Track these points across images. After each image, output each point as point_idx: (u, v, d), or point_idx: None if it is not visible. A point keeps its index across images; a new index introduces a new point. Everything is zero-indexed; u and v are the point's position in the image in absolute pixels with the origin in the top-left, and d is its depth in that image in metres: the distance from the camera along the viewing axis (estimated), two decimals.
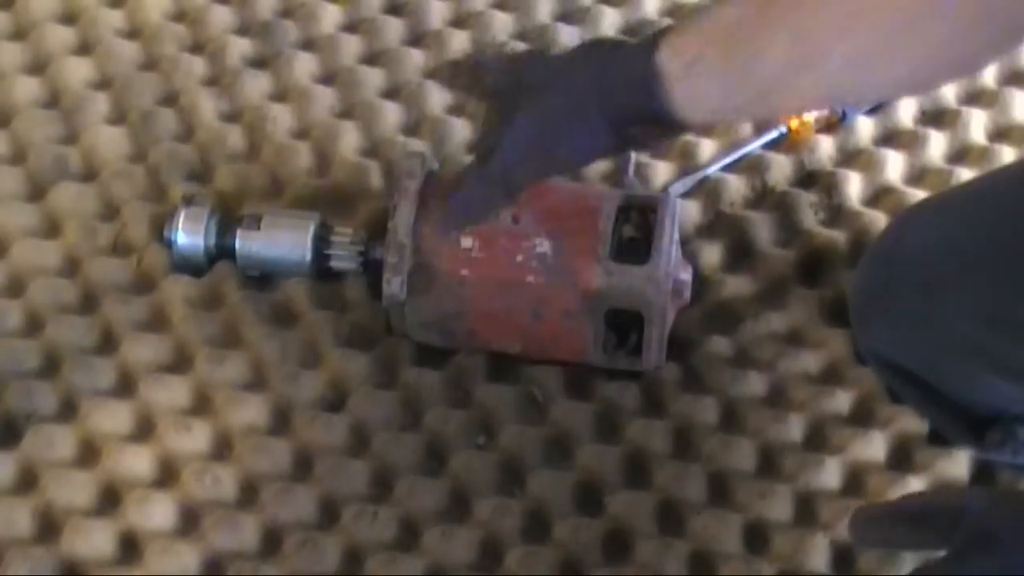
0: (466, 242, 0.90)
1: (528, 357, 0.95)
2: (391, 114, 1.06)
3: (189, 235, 0.96)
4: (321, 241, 0.96)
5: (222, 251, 0.97)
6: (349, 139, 1.05)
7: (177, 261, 0.97)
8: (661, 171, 1.04)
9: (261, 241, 0.96)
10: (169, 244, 0.97)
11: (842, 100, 0.91)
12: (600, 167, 1.02)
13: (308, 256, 0.96)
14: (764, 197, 1.05)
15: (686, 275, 0.93)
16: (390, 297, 0.91)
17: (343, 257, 0.96)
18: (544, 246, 0.90)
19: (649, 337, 0.91)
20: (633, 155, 1.03)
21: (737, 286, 1.01)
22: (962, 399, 0.91)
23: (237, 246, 0.96)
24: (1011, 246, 0.83)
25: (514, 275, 0.90)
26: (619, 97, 0.78)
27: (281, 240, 0.96)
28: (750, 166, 1.05)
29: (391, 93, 1.08)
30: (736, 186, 1.05)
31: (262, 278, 0.98)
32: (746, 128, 1.07)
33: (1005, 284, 0.83)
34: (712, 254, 1.02)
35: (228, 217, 0.97)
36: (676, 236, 0.92)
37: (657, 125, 0.78)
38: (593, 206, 0.91)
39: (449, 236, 0.89)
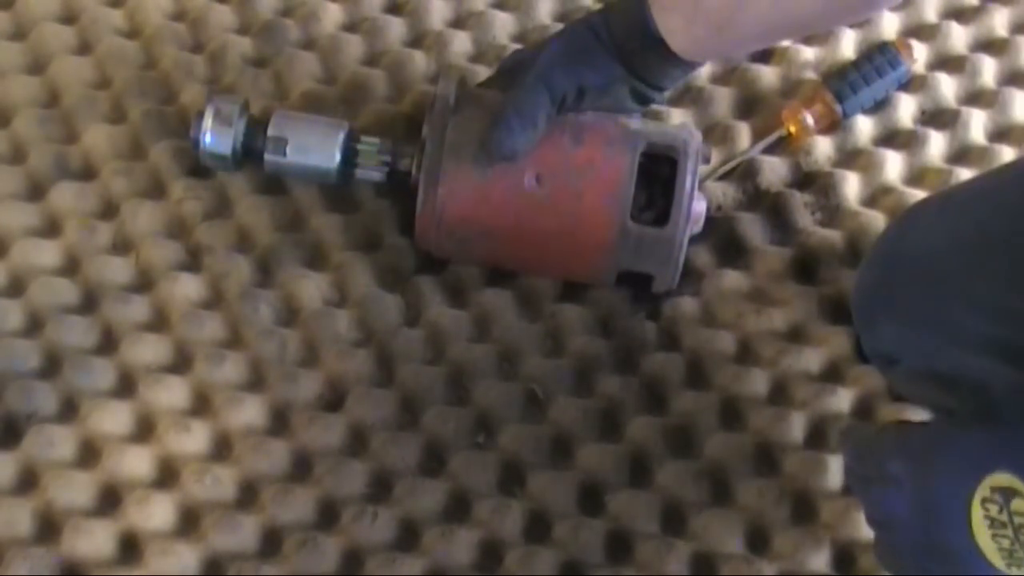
0: None
1: (557, 211, 0.93)
2: (392, 115, 1.06)
3: (217, 135, 0.96)
4: (349, 148, 0.96)
5: (250, 152, 0.96)
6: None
7: (203, 160, 0.97)
8: None
9: (290, 145, 0.95)
10: (196, 144, 0.96)
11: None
12: None
13: (336, 162, 0.95)
14: (757, 200, 1.05)
15: (700, 205, 0.95)
16: (442, 98, 0.93)
17: (369, 166, 0.96)
18: (586, 112, 0.95)
19: (681, 188, 0.92)
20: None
21: (736, 284, 1.01)
22: None
23: (266, 146, 0.95)
24: (1019, 240, 0.84)
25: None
26: (619, 21, 0.92)
27: (310, 144, 0.95)
28: (742, 170, 1.05)
29: (391, 94, 1.08)
30: (724, 191, 1.04)
31: (263, 275, 0.99)
32: (745, 136, 1.07)
33: (1013, 278, 0.84)
34: (706, 256, 1.02)
35: (256, 119, 0.97)
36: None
37: (654, 52, 0.91)
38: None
39: (507, 146, 0.90)
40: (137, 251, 0.99)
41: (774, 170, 1.06)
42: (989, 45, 1.15)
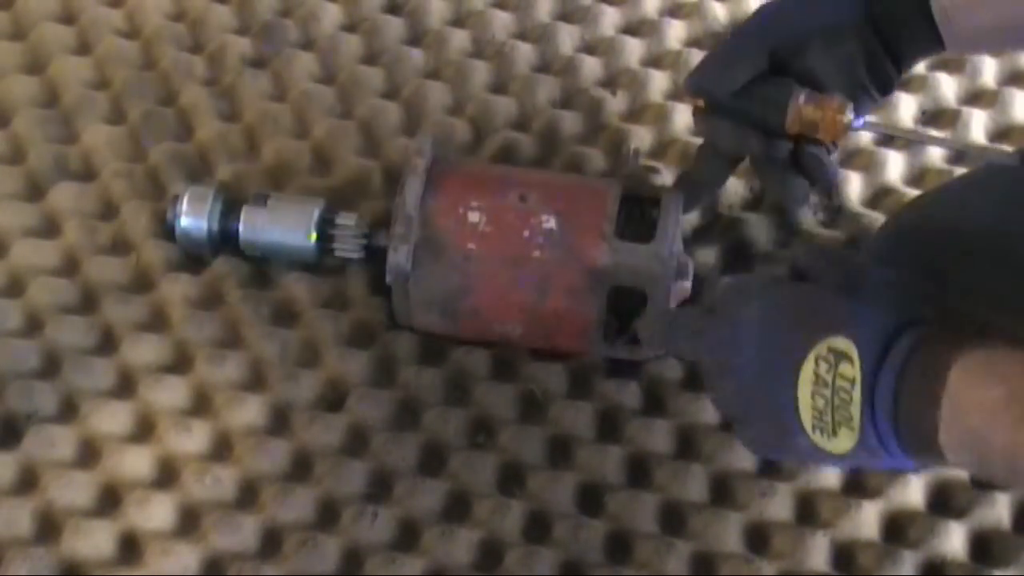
0: (473, 216, 0.91)
1: (529, 343, 0.94)
2: (392, 115, 1.06)
3: (192, 218, 0.96)
4: (325, 226, 0.96)
5: (226, 236, 0.97)
6: (350, 140, 1.05)
7: (180, 246, 0.98)
8: None
9: (265, 225, 0.96)
10: (172, 229, 0.97)
11: None
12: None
13: (312, 240, 0.95)
14: (762, 199, 1.05)
15: (685, 285, 0.93)
16: (395, 268, 0.91)
17: (346, 244, 0.96)
18: (551, 223, 0.91)
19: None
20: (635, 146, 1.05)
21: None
22: None
23: (241, 228, 0.96)
24: (1010, 228, 0.85)
25: (521, 250, 0.91)
26: None
27: (285, 224, 0.96)
28: (748, 169, 1.05)
29: (391, 93, 1.08)
30: (734, 188, 1.04)
31: (262, 277, 0.99)
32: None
33: (1006, 265, 0.84)
34: (710, 256, 1.02)
35: (232, 201, 0.97)
36: (680, 222, 0.94)
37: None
38: (600, 190, 0.93)
39: (692, 84, 0.87)
40: (137, 251, 0.99)
41: None
42: None
